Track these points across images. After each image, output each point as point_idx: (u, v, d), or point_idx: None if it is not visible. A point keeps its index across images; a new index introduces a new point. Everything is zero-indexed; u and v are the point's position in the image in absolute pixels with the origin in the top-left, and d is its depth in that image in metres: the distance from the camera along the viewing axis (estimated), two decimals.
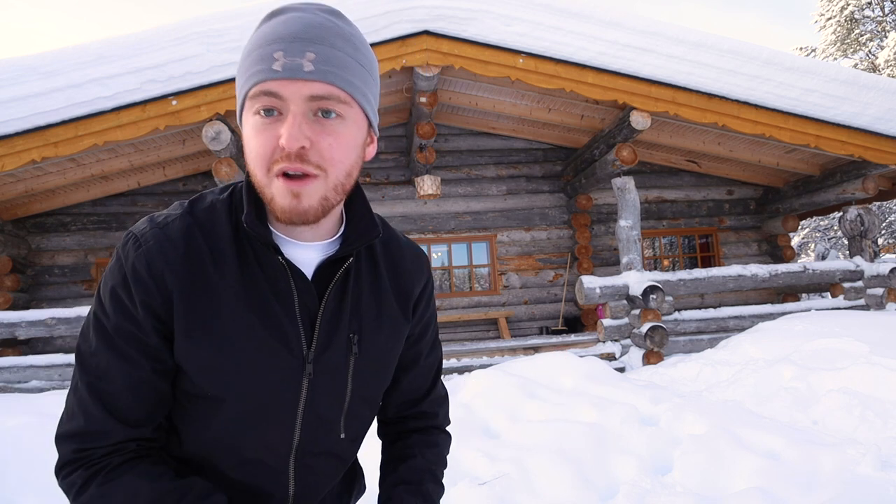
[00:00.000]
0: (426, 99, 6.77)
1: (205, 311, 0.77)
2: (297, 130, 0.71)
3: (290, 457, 0.86)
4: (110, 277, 0.78)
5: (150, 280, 0.76)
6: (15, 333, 5.88)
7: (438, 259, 9.26)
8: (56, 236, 8.28)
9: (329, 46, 0.73)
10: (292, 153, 0.71)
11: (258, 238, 0.78)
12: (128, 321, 0.76)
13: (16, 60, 5.54)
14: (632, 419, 3.43)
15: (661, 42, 6.41)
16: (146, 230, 0.79)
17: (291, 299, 0.81)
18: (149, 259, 0.76)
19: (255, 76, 0.73)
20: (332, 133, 0.74)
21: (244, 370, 0.79)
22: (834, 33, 23.90)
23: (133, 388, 0.77)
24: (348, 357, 0.86)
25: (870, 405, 3.36)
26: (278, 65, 0.71)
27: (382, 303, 0.91)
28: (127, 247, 0.78)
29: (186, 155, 7.77)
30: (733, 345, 5.25)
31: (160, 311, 0.76)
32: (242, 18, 5.83)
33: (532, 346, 6.81)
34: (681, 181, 9.69)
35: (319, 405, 0.85)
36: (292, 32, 0.72)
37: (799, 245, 22.15)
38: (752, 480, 2.65)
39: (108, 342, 0.76)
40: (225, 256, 0.79)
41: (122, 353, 0.76)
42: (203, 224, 0.81)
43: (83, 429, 0.75)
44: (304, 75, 0.71)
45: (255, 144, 0.74)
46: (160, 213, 0.83)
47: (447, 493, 2.75)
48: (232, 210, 0.83)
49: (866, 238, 7.45)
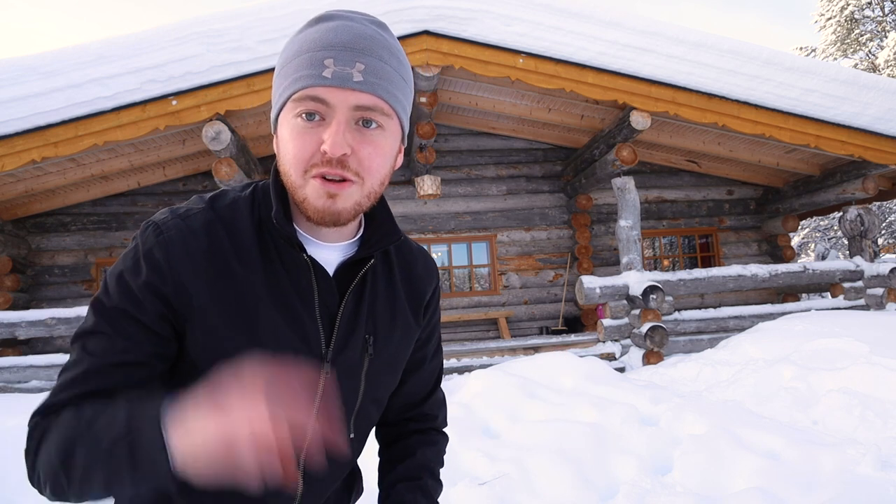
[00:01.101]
0: (426, 99, 6.77)
1: (229, 305, 0.78)
2: (341, 138, 0.73)
3: (300, 456, 0.86)
4: (121, 263, 0.78)
5: (165, 265, 0.76)
6: (15, 333, 5.88)
7: (438, 259, 9.26)
8: (56, 236, 8.28)
9: (377, 59, 0.75)
10: (334, 159, 0.74)
11: (284, 235, 0.79)
12: (132, 304, 0.75)
13: (16, 60, 5.54)
14: (632, 419, 3.43)
15: (661, 42, 6.42)
16: (167, 220, 0.79)
17: (312, 297, 0.82)
18: (169, 246, 0.76)
19: (302, 80, 0.74)
20: (372, 143, 0.76)
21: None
22: (834, 33, 23.90)
23: (131, 369, 0.76)
24: (363, 357, 0.88)
25: (870, 405, 3.36)
26: (329, 72, 0.73)
27: (396, 306, 0.93)
28: (147, 233, 0.78)
29: (186, 155, 7.77)
30: (733, 345, 5.25)
31: (171, 297, 0.76)
32: (242, 18, 5.83)
33: (532, 346, 6.81)
34: (681, 181, 9.70)
35: (333, 404, 0.86)
36: (343, 41, 0.74)
37: (799, 245, 22.16)
38: (752, 480, 2.65)
39: (110, 323, 0.75)
40: (248, 252, 0.80)
41: (122, 333, 0.75)
42: (225, 219, 0.81)
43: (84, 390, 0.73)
44: (353, 85, 0.73)
45: (293, 146, 0.76)
46: (180, 205, 0.84)
47: (447, 492, 2.75)
48: (255, 207, 0.84)
49: (866, 238, 7.45)
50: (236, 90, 5.92)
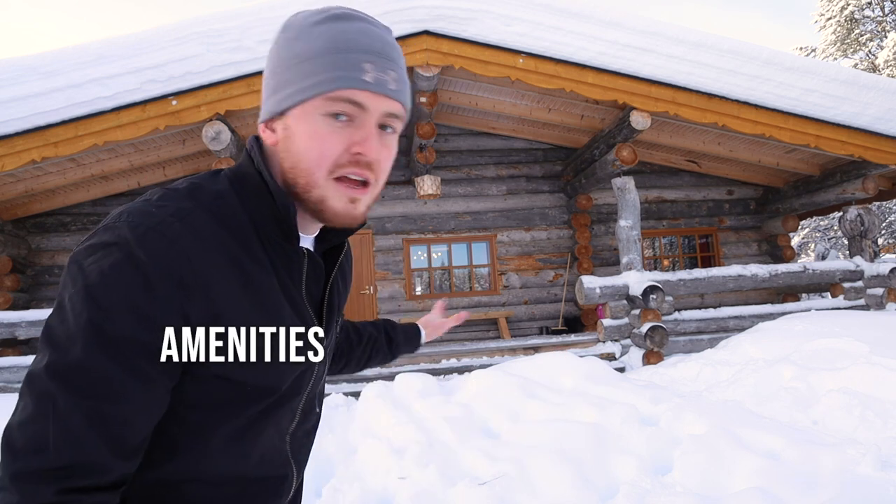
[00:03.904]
0: (426, 99, 6.77)
1: (254, 303, 0.75)
2: (378, 142, 0.76)
3: (287, 439, 0.89)
4: (120, 280, 0.65)
5: (189, 276, 0.68)
6: (15, 333, 5.89)
7: (438, 259, 9.26)
8: (56, 236, 8.28)
9: (401, 67, 0.79)
10: (364, 161, 0.76)
11: (286, 229, 0.80)
12: (146, 330, 0.66)
13: (16, 60, 5.54)
14: (632, 419, 3.43)
15: (661, 42, 6.42)
16: (165, 222, 0.69)
17: (301, 286, 0.84)
18: (186, 253, 0.68)
19: (341, 81, 0.74)
20: (388, 147, 0.80)
21: (281, 358, 0.80)
22: (834, 33, 23.90)
23: (144, 411, 0.67)
24: (333, 336, 0.95)
25: (870, 405, 3.36)
26: (370, 77, 0.74)
27: (346, 280, 1.02)
28: (147, 243, 0.67)
29: (186, 155, 7.77)
30: (733, 345, 5.25)
31: (190, 313, 0.69)
32: (242, 18, 5.83)
33: (532, 346, 6.81)
34: (681, 181, 9.70)
35: (316, 385, 0.92)
36: (377, 48, 0.76)
37: (799, 245, 22.15)
38: (752, 480, 2.64)
39: (116, 356, 0.64)
40: (251, 246, 0.78)
41: (133, 368, 0.65)
42: (219, 215, 0.76)
43: (74, 461, 0.62)
44: (389, 92, 0.76)
45: (321, 145, 0.75)
46: (156, 203, 0.73)
47: (447, 492, 2.75)
48: (242, 199, 0.80)
49: (866, 238, 7.45)
50: (236, 90, 5.93)
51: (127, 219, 0.70)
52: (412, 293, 9.05)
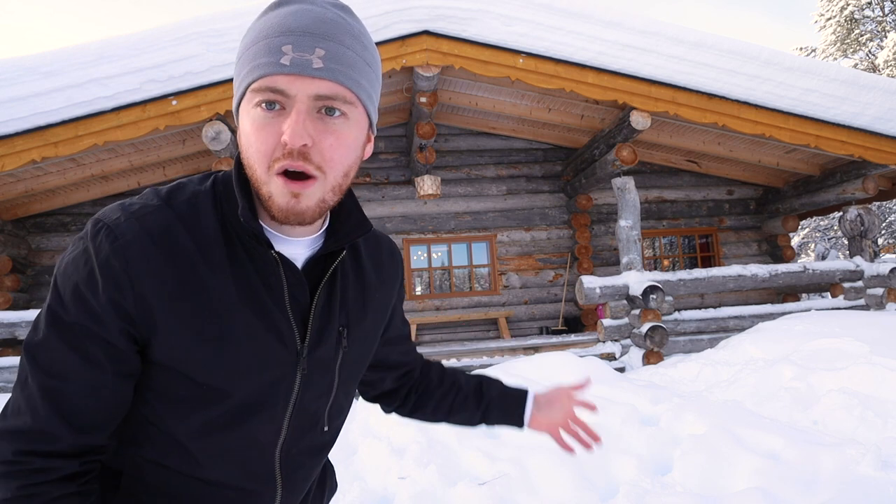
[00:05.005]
0: (426, 99, 6.77)
1: (199, 309, 0.74)
2: (301, 128, 0.69)
3: (276, 454, 0.85)
4: (74, 271, 0.71)
5: (124, 278, 0.70)
6: (15, 333, 5.88)
7: (438, 259, 9.26)
8: (56, 236, 8.28)
9: (338, 44, 0.71)
10: (294, 150, 0.70)
11: (252, 233, 0.75)
12: (91, 320, 0.70)
13: (16, 60, 5.54)
14: (632, 419, 3.43)
15: (661, 42, 6.42)
16: (121, 221, 0.72)
17: (282, 293, 0.80)
18: (127, 256, 0.70)
19: (260, 68, 0.71)
20: (334, 132, 0.73)
21: (242, 367, 0.77)
22: (834, 33, 23.90)
23: (90, 392, 0.72)
24: (338, 350, 0.87)
25: (870, 405, 3.36)
26: (286, 59, 0.69)
27: (367, 295, 0.93)
28: (99, 239, 0.71)
29: (186, 155, 7.77)
30: (733, 345, 5.25)
31: (132, 310, 0.71)
32: (242, 18, 5.83)
33: (532, 346, 6.81)
34: (681, 181, 9.70)
35: (309, 399, 0.85)
36: (302, 26, 0.70)
37: (799, 245, 22.15)
38: (752, 480, 2.65)
39: (67, 340, 0.71)
40: (214, 252, 0.76)
41: (82, 352, 0.71)
42: (186, 218, 0.76)
43: (29, 427, 0.70)
44: (313, 72, 0.69)
45: (255, 139, 0.72)
46: (132, 201, 0.76)
47: (447, 492, 2.75)
48: (217, 202, 0.79)
49: (866, 238, 7.45)
50: None
51: (100, 215, 0.75)
52: (412, 293, 9.06)
